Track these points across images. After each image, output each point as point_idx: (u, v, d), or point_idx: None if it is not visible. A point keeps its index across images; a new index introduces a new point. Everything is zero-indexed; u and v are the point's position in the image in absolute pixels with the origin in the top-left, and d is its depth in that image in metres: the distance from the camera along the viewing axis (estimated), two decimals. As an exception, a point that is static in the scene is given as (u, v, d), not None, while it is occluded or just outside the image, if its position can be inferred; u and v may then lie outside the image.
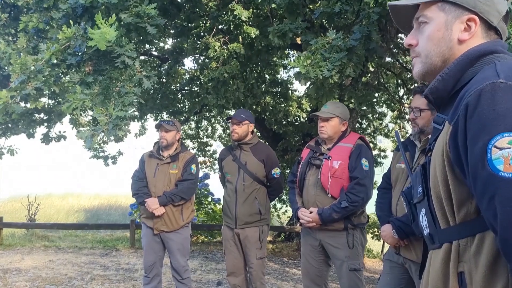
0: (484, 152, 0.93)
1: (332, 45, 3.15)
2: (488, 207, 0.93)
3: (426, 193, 1.17)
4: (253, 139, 3.85)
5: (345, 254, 3.12)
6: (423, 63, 1.20)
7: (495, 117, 0.93)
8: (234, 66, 5.19)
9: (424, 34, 1.19)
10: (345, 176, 3.14)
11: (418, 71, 1.22)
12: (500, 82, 0.95)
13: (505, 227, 0.89)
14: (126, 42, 2.88)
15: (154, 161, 4.01)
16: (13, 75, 2.71)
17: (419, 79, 1.24)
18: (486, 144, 0.93)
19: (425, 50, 1.19)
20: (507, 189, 0.89)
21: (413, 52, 1.24)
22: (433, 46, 1.17)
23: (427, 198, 1.17)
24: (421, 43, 1.20)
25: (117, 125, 2.74)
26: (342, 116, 3.26)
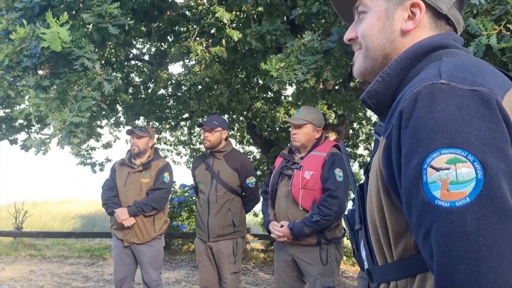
0: (418, 173, 0.72)
1: (308, 47, 2.97)
2: (424, 243, 0.72)
3: (364, 220, 0.96)
4: (226, 147, 3.66)
5: (318, 271, 2.92)
6: (364, 57, 0.99)
7: (432, 127, 0.72)
8: (217, 70, 5.01)
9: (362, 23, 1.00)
10: (318, 187, 2.95)
11: (357, 67, 1.01)
12: (441, 84, 0.74)
13: (441, 274, 0.68)
14: (86, 43, 2.70)
15: (126, 170, 3.83)
16: (-39, 79, 2.54)
17: (359, 77, 1.02)
18: (421, 163, 0.72)
19: (363, 39, 0.98)
20: (445, 223, 0.68)
21: (355, 44, 1.03)
22: (372, 38, 0.97)
23: (364, 226, 0.96)
24: (359, 35, 1.00)
25: (71, 132, 2.55)
26: (315, 122, 3.07)
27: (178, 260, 7.72)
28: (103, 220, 17.02)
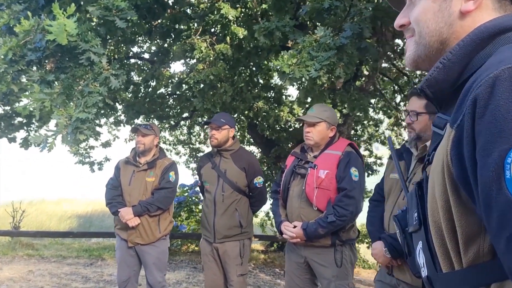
0: (500, 168, 0.62)
1: (320, 43, 2.88)
2: (507, 249, 0.62)
3: (423, 221, 0.86)
4: (234, 145, 3.56)
5: (333, 273, 2.83)
6: (416, 44, 0.89)
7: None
8: (221, 68, 4.92)
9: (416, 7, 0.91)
10: (333, 187, 2.86)
11: (410, 55, 0.90)
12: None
13: None
14: (93, 37, 2.61)
15: (130, 168, 3.74)
16: (-38, 72, 2.44)
17: (411, 66, 0.93)
18: (503, 157, 0.62)
19: (417, 25, 0.89)
20: None
21: (407, 31, 0.94)
22: (427, 22, 0.87)
23: (424, 228, 0.86)
24: (412, 20, 0.91)
25: (77, 128, 2.46)
26: (329, 120, 2.98)
27: (178, 261, 7.62)
28: (100, 220, 16.90)
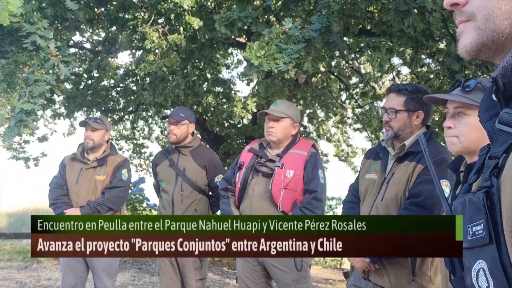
0: None
1: (289, 35, 2.75)
2: None
3: (495, 236, 0.71)
4: (193, 142, 3.36)
5: (293, 278, 2.72)
6: (479, 29, 0.74)
7: None
8: (174, 60, 4.67)
9: None
10: (299, 188, 2.75)
11: (470, 42, 0.76)
12: None
13: None
14: (39, 18, 2.30)
15: (78, 165, 3.43)
16: None
17: (470, 55, 0.78)
18: None
19: (484, 8, 0.74)
20: None
21: (460, 15, 0.79)
22: (499, 3, 0.73)
23: (496, 244, 0.72)
24: (476, 3, 0.76)
25: (21, 121, 2.16)
26: (294, 117, 2.86)
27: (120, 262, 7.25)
28: (33, 219, 15.88)
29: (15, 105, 2.14)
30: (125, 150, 11.23)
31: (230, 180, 2.99)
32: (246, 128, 7.68)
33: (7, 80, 2.21)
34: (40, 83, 2.26)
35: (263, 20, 4.46)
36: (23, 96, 2.18)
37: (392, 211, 2.15)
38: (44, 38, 2.34)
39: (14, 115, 2.14)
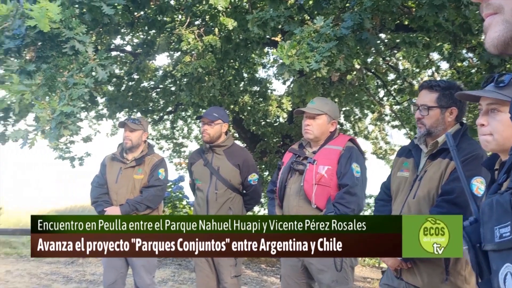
0: None
1: (321, 34, 2.74)
2: None
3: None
4: (227, 141, 3.40)
5: (332, 278, 2.69)
6: (507, 22, 0.71)
7: None
8: (210, 60, 4.74)
9: None
10: (333, 183, 2.72)
11: (498, 35, 0.72)
12: None
13: None
14: (77, 24, 2.41)
15: (117, 165, 3.55)
16: None
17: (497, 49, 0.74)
18: None
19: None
20: None
21: (487, 7, 0.76)
22: None
23: None
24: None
25: (61, 123, 2.27)
26: (331, 114, 2.84)
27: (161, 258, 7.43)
28: (80, 216, 16.52)
29: (56, 107, 2.25)
30: (165, 149, 11.49)
31: (274, 182, 3.01)
32: (283, 127, 7.68)
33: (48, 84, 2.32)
34: (79, 86, 2.36)
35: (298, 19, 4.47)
36: (62, 99, 2.29)
37: (424, 208, 2.10)
38: (82, 43, 2.45)
39: (55, 117, 2.25)
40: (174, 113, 9.37)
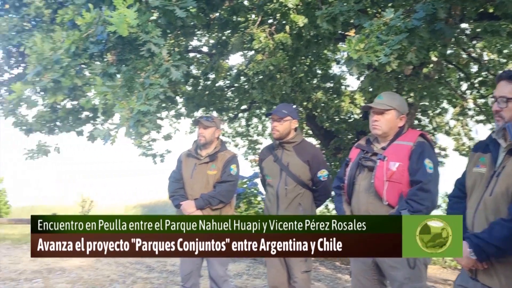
0: None
1: (390, 26, 2.67)
2: None
3: None
4: (296, 137, 3.42)
5: (405, 275, 2.61)
6: None
7: None
8: (281, 58, 4.79)
9: None
10: (405, 180, 2.63)
11: None
12: None
13: None
14: (153, 27, 2.56)
15: (192, 161, 3.71)
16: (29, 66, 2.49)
17: None
18: None
19: None
20: None
21: None
22: None
23: None
24: None
25: (139, 121, 2.44)
26: (399, 109, 2.76)
27: (237, 253, 7.61)
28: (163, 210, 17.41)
29: (134, 107, 2.43)
30: (240, 146, 11.75)
31: (341, 178, 2.98)
32: (357, 123, 7.54)
33: (127, 85, 2.51)
34: (154, 86, 2.51)
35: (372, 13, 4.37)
36: (140, 98, 2.46)
37: (502, 206, 1.97)
38: (157, 45, 2.60)
39: (133, 116, 2.43)
40: (249, 111, 9.55)
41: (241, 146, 11.75)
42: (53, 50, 2.48)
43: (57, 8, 5.11)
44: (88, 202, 11.57)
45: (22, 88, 2.52)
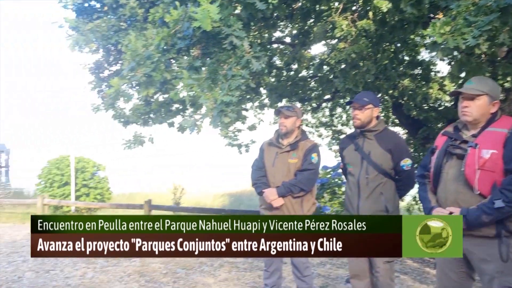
0: None
1: (480, 6, 2.52)
2: None
3: None
4: (378, 126, 3.37)
5: (497, 269, 2.47)
6: None
7: None
8: (363, 45, 4.70)
9: None
10: (499, 168, 2.48)
11: None
12: None
13: None
14: (234, 21, 2.67)
15: (273, 150, 3.81)
16: (125, 63, 2.72)
17: None
18: None
19: None
20: None
21: None
22: None
23: None
24: None
25: (222, 111, 2.57)
26: (492, 94, 2.60)
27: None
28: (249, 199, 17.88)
29: (217, 98, 2.56)
30: (324, 136, 11.67)
31: (426, 166, 2.89)
32: (448, 111, 7.14)
33: (211, 77, 2.65)
34: (236, 77, 2.63)
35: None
36: (223, 89, 2.59)
37: None
38: (239, 38, 2.71)
39: (216, 106, 2.56)
40: (332, 100, 9.45)
41: (325, 136, 11.66)
42: (145, 46, 2.69)
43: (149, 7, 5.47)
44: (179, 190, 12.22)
45: (119, 83, 2.77)
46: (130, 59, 2.68)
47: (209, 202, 17.20)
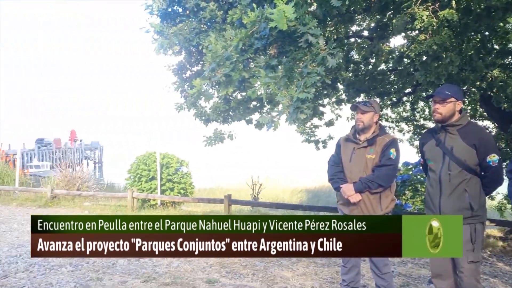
0: None
1: None
2: None
3: None
4: (461, 120, 3.22)
5: None
6: None
7: None
8: (446, 36, 4.49)
9: None
10: None
11: None
12: None
13: None
14: (310, 19, 2.72)
15: (350, 145, 3.79)
16: (206, 64, 2.88)
17: None
18: None
19: None
20: None
21: None
22: None
23: None
24: None
25: (298, 108, 2.63)
26: None
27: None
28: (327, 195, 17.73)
29: (293, 95, 2.62)
30: (405, 131, 11.27)
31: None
32: (545, 103, 6.60)
33: (287, 75, 2.72)
34: (312, 75, 2.67)
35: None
36: (299, 87, 2.64)
37: None
38: (314, 36, 2.75)
39: (293, 103, 2.62)
40: (414, 94, 9.11)
41: (406, 131, 11.27)
42: (224, 48, 2.83)
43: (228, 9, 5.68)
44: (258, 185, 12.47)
45: (200, 83, 2.93)
46: (211, 61, 2.83)
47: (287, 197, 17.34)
